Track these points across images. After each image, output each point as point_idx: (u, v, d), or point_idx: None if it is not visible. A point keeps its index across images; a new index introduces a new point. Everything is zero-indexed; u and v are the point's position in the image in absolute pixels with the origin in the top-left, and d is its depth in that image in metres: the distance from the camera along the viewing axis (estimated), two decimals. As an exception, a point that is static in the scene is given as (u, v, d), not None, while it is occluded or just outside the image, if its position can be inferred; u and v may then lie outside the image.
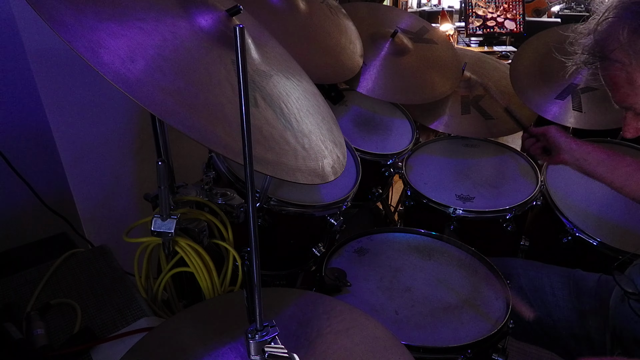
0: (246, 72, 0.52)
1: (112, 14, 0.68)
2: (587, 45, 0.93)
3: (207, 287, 1.00)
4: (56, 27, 0.59)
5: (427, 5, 4.18)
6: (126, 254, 1.12)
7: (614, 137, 1.75)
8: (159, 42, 0.71)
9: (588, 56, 0.93)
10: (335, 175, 0.91)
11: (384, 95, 1.68)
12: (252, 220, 0.59)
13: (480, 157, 1.79)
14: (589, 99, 1.63)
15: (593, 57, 0.93)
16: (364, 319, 0.80)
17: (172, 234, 0.94)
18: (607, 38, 0.89)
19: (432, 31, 1.99)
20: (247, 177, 0.57)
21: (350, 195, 1.35)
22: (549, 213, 1.51)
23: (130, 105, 1.56)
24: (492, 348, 1.02)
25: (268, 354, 0.66)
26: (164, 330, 0.77)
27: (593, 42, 0.92)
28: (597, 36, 0.91)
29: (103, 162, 1.57)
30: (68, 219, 1.40)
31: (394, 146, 1.73)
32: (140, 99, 0.62)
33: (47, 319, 0.93)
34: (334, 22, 1.64)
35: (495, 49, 3.33)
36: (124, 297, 1.00)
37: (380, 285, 1.15)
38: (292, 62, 1.12)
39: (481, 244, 1.34)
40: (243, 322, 0.71)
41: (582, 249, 1.41)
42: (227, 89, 0.76)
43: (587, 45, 0.93)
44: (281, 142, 0.81)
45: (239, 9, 0.84)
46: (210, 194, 1.09)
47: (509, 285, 1.15)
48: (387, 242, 1.31)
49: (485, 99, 1.85)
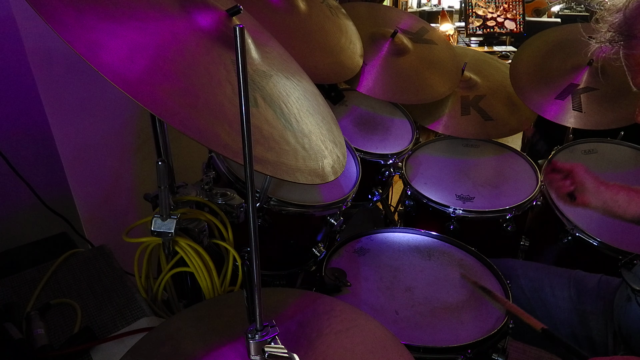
0: (246, 72, 0.52)
1: (112, 14, 0.68)
2: (615, 22, 0.91)
3: (207, 287, 1.00)
4: (56, 27, 0.59)
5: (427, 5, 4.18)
6: (126, 254, 1.12)
7: (614, 137, 1.75)
8: (159, 42, 0.71)
9: (614, 34, 0.91)
10: (335, 175, 0.91)
11: (384, 95, 1.69)
12: (252, 220, 0.59)
13: (480, 157, 1.79)
14: (589, 99, 1.63)
15: (619, 35, 0.91)
16: (364, 319, 0.80)
17: (172, 234, 0.94)
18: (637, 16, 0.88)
19: (431, 31, 1.99)
20: (247, 177, 0.57)
21: (350, 195, 1.35)
22: (549, 213, 1.51)
23: (130, 105, 1.56)
24: (492, 348, 1.02)
25: (268, 354, 0.66)
26: (164, 330, 0.77)
27: (622, 19, 0.90)
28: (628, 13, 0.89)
29: (103, 162, 1.57)
30: (68, 219, 1.40)
31: (394, 146, 1.73)
32: (140, 99, 0.62)
33: (47, 319, 0.93)
34: (334, 22, 1.64)
35: (495, 49, 3.33)
36: (124, 297, 1.00)
37: (380, 285, 1.15)
38: (292, 62, 1.12)
39: (481, 244, 1.34)
40: (243, 322, 0.71)
41: (582, 249, 1.41)
42: (227, 89, 0.76)
43: (615, 23, 0.91)
44: (281, 142, 0.81)
45: (239, 9, 0.84)
46: (210, 194, 1.09)
47: (509, 286, 1.15)
48: (387, 242, 1.31)
49: (485, 99, 1.86)
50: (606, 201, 1.17)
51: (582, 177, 1.21)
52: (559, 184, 1.25)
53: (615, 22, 0.91)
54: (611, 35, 0.92)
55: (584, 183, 1.20)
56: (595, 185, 1.19)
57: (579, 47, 1.75)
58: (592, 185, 1.19)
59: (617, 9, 0.91)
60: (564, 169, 1.26)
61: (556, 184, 1.26)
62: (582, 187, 1.21)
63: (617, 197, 1.16)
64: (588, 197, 1.20)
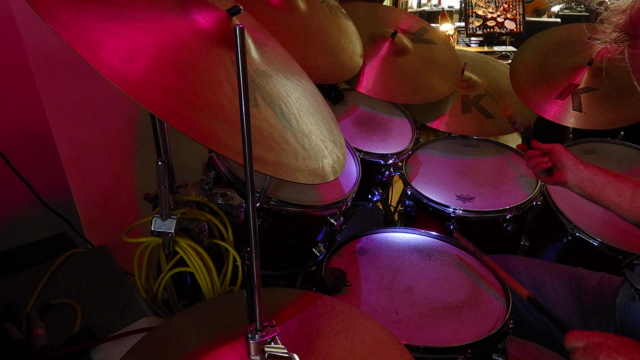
0: (246, 72, 0.52)
1: (112, 14, 0.68)
2: (621, 22, 0.91)
3: (207, 287, 1.00)
4: (56, 27, 0.59)
5: (427, 5, 4.18)
6: (126, 254, 1.12)
7: (614, 137, 1.75)
8: (159, 42, 0.71)
9: (619, 34, 0.91)
10: (335, 175, 0.91)
11: (384, 95, 1.69)
12: (252, 220, 0.59)
13: (480, 157, 1.79)
14: (589, 99, 1.63)
15: (624, 35, 0.91)
16: (364, 319, 0.80)
17: (172, 234, 0.94)
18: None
19: (431, 31, 1.99)
20: (247, 177, 0.57)
21: (350, 195, 1.35)
22: (549, 213, 1.51)
23: (130, 105, 1.56)
24: (492, 348, 1.02)
25: (268, 354, 0.66)
26: (164, 330, 0.77)
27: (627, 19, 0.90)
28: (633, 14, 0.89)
29: (103, 162, 1.57)
30: (68, 219, 1.40)
31: (394, 146, 1.73)
32: (140, 99, 0.62)
33: (47, 319, 0.93)
34: (334, 22, 1.64)
35: (495, 49, 3.33)
36: (124, 297, 1.00)
37: (380, 285, 1.15)
38: (292, 62, 1.12)
39: (481, 244, 1.34)
40: (243, 322, 0.71)
41: (582, 249, 1.42)
42: (227, 89, 0.76)
43: (620, 23, 0.91)
44: (281, 142, 0.81)
45: (239, 9, 0.84)
46: (210, 194, 1.09)
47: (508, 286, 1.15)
48: (387, 242, 1.31)
49: (486, 98, 1.86)
50: (583, 180, 1.21)
51: (560, 155, 1.25)
52: (537, 160, 1.30)
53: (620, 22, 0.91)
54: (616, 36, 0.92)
55: (563, 161, 1.24)
56: (574, 164, 1.23)
57: (579, 47, 1.75)
58: (570, 164, 1.23)
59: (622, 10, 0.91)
60: (543, 148, 1.30)
61: (534, 160, 1.31)
62: (560, 164, 1.25)
63: (595, 178, 1.19)
64: (566, 175, 1.24)
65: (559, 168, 1.26)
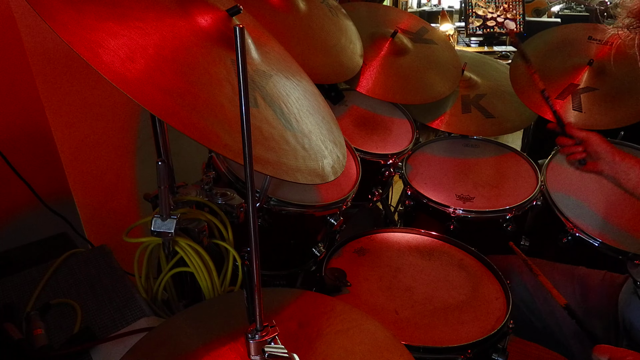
0: (246, 72, 0.52)
1: (111, 14, 0.68)
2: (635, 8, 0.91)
3: (207, 287, 1.00)
4: (56, 27, 0.59)
5: (427, 5, 4.18)
6: (126, 254, 1.12)
7: (614, 137, 1.74)
8: (159, 42, 0.71)
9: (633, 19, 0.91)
10: (335, 175, 0.91)
11: (384, 95, 1.69)
12: (252, 220, 0.59)
13: (480, 157, 1.79)
14: (589, 99, 1.63)
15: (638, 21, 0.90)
16: (364, 319, 0.80)
17: (172, 234, 0.94)
18: None
19: (431, 31, 1.99)
20: (247, 177, 0.57)
21: (350, 195, 1.35)
22: (549, 213, 1.51)
23: (130, 105, 1.56)
24: (492, 348, 1.02)
25: (268, 354, 0.66)
26: (164, 330, 0.77)
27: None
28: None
29: (103, 162, 1.57)
30: (68, 219, 1.39)
31: (394, 146, 1.73)
32: (140, 99, 0.62)
33: (47, 319, 0.93)
34: (334, 22, 1.64)
35: (495, 49, 3.33)
36: (124, 297, 1.00)
37: (380, 285, 1.15)
38: (292, 62, 1.12)
39: (481, 244, 1.34)
40: (243, 322, 0.71)
41: (582, 249, 1.41)
42: (227, 89, 0.76)
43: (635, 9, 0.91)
44: (281, 142, 0.81)
45: (239, 9, 0.84)
46: (210, 194, 1.09)
47: (509, 286, 1.15)
48: (387, 242, 1.31)
49: (486, 97, 1.86)
50: (618, 172, 1.19)
51: (596, 147, 1.21)
52: (571, 149, 1.26)
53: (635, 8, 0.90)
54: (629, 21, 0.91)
55: (598, 153, 1.21)
56: (610, 155, 1.19)
57: (579, 47, 1.75)
58: (606, 155, 1.20)
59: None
60: (579, 135, 1.25)
61: (568, 149, 1.26)
62: (596, 156, 1.21)
63: (630, 171, 1.17)
64: (601, 165, 1.20)
65: (594, 159, 1.22)
